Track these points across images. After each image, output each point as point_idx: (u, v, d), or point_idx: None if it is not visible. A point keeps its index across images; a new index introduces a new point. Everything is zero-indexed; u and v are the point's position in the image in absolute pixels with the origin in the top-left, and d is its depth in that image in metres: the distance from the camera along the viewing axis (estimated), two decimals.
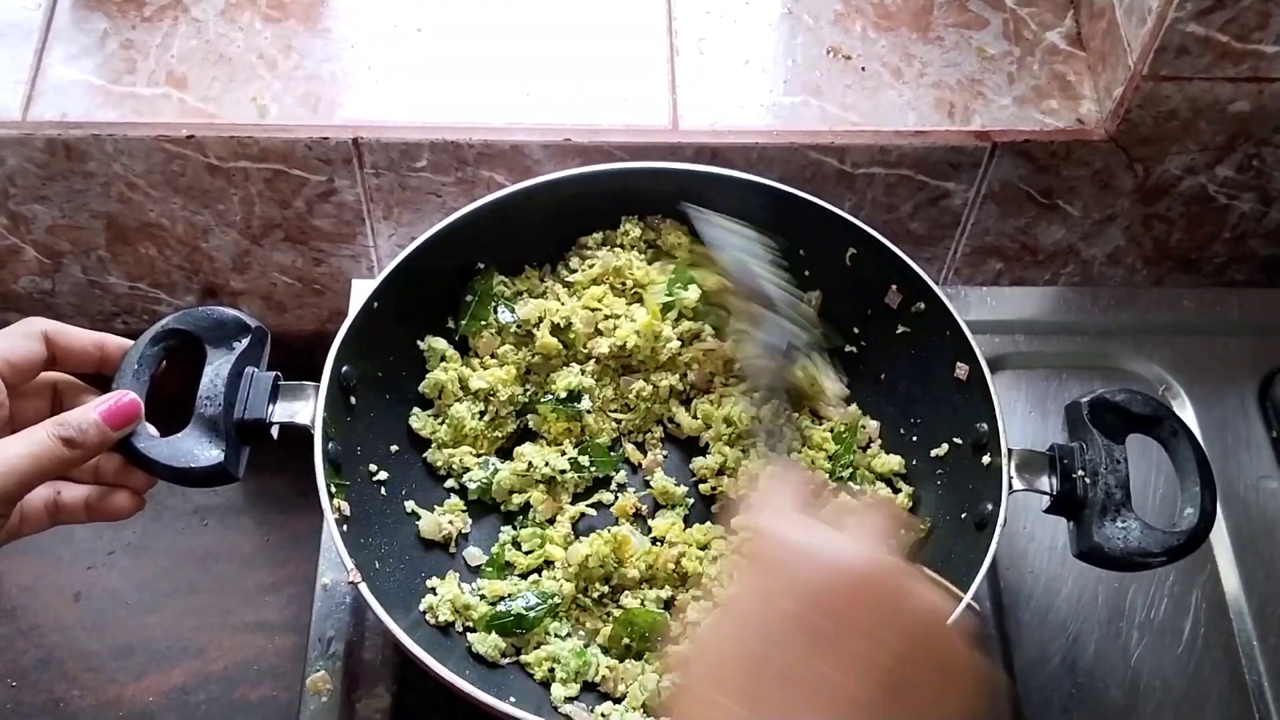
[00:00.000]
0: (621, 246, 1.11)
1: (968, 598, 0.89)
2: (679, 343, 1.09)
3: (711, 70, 1.21)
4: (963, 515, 0.99)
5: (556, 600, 0.98)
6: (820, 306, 1.12)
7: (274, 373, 0.93)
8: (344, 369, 0.98)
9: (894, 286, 1.07)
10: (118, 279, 1.28)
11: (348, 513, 0.94)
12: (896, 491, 1.06)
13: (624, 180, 1.10)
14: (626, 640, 0.98)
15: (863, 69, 1.21)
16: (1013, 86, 1.20)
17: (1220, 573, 1.08)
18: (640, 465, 1.08)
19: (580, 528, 1.04)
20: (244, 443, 0.91)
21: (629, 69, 1.21)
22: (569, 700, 0.95)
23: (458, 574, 1.01)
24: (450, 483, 1.05)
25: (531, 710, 0.92)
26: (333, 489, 0.92)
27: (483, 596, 0.99)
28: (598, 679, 0.97)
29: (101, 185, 1.18)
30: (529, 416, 1.08)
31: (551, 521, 1.04)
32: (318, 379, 0.95)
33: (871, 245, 1.06)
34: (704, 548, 1.03)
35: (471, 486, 1.04)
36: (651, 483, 1.06)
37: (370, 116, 1.17)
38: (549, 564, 1.02)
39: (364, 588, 0.89)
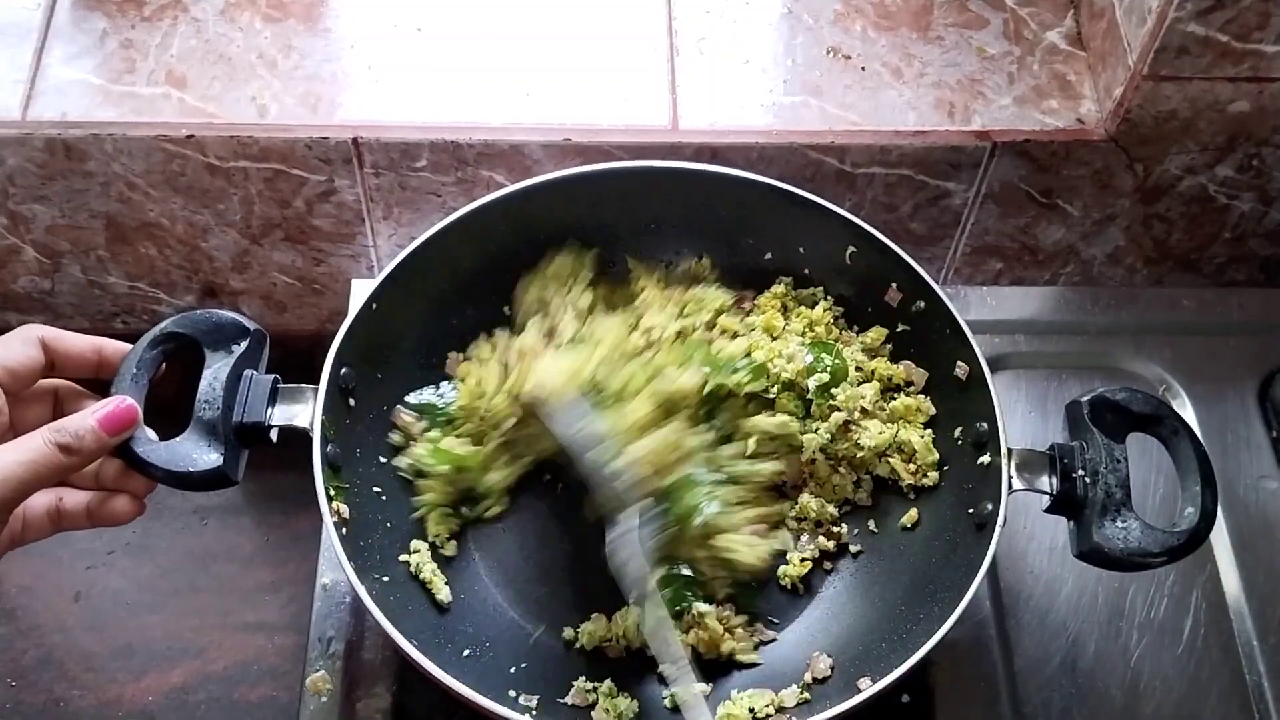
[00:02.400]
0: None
1: (965, 600, 0.90)
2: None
3: (711, 70, 1.21)
4: (963, 515, 0.99)
5: None
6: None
7: (273, 375, 0.93)
8: (343, 370, 0.98)
9: (894, 285, 1.07)
10: (117, 279, 1.28)
11: (347, 515, 0.94)
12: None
13: (625, 180, 1.10)
14: None
15: (863, 69, 1.21)
16: (1013, 86, 1.20)
17: (1220, 573, 1.08)
18: None
19: None
20: (243, 445, 0.91)
21: (629, 69, 1.21)
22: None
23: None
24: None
25: (534, 710, 0.93)
26: (331, 491, 0.92)
27: None
28: None
29: (101, 185, 1.18)
30: None
31: None
32: (317, 379, 0.95)
33: (872, 244, 1.06)
34: None
35: None
36: None
37: (370, 116, 1.17)
38: None
39: (363, 591, 0.89)
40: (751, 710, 0.95)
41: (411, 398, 1.06)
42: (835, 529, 1.06)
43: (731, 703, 0.96)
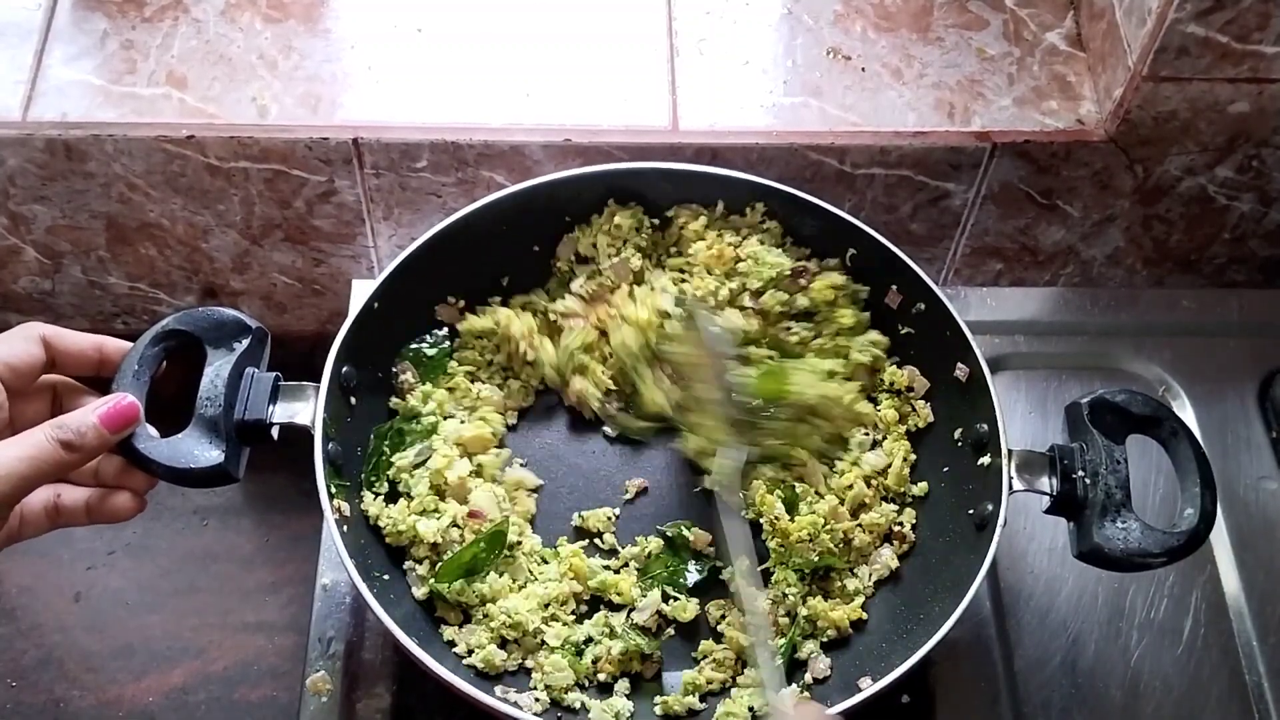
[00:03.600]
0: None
1: (966, 601, 0.90)
2: None
3: (711, 71, 1.21)
4: (963, 516, 0.99)
5: None
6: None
7: (274, 373, 0.93)
8: (344, 369, 0.98)
9: (894, 287, 1.07)
10: (118, 279, 1.28)
11: (348, 513, 0.94)
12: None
13: (625, 181, 1.10)
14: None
15: (863, 70, 1.21)
16: (1013, 87, 1.20)
17: (1220, 573, 1.08)
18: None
19: None
20: (244, 443, 0.91)
21: (629, 69, 1.21)
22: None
23: None
24: None
25: (532, 708, 0.93)
26: (333, 489, 0.92)
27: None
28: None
29: (101, 185, 1.18)
30: None
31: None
32: (318, 379, 0.95)
33: (871, 246, 1.06)
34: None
35: None
36: None
37: (370, 117, 1.17)
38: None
39: (364, 588, 0.89)
40: (751, 709, 0.95)
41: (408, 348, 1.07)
42: (898, 527, 1.04)
43: (731, 700, 0.96)
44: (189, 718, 1.15)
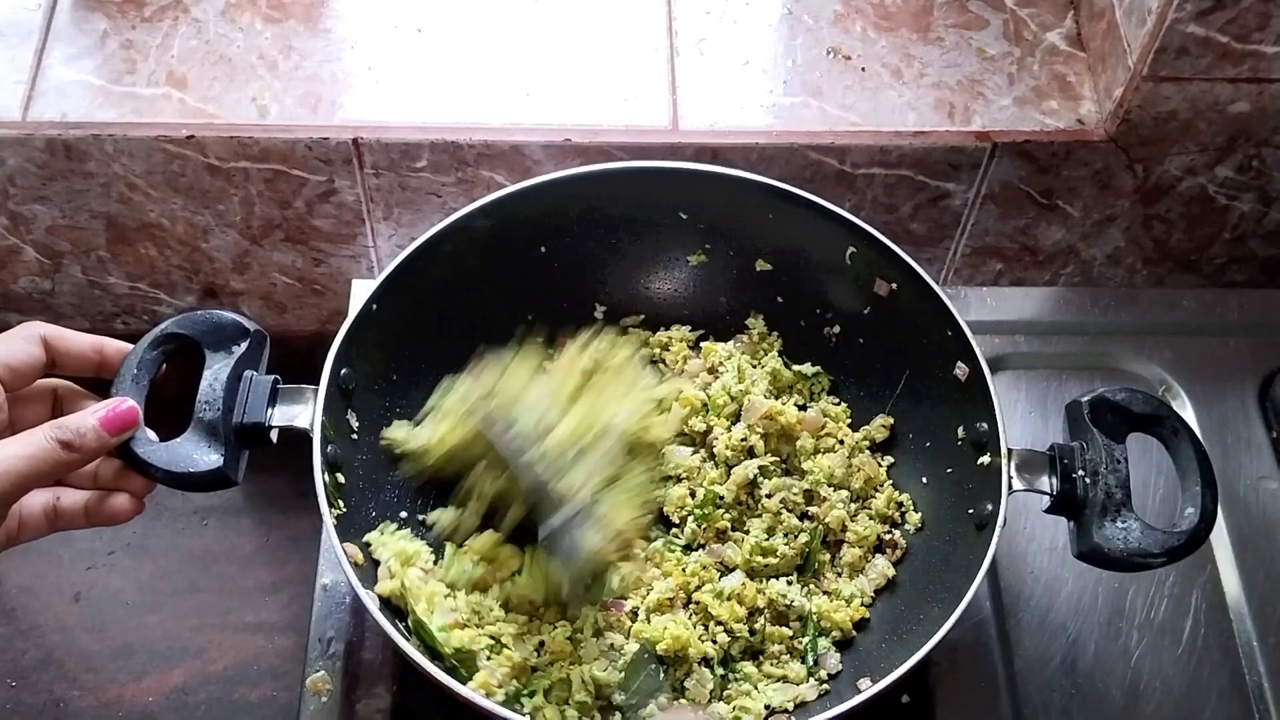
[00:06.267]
0: None
1: (966, 601, 0.90)
2: None
3: (712, 71, 1.21)
4: (963, 516, 0.99)
5: None
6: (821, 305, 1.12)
7: (273, 376, 0.93)
8: (343, 371, 0.98)
9: (879, 279, 1.07)
10: (118, 279, 1.28)
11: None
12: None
13: (625, 181, 1.10)
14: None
15: (863, 69, 1.21)
16: (1013, 87, 1.20)
17: (1220, 573, 1.08)
18: None
19: None
20: (243, 446, 0.91)
21: (629, 69, 1.21)
22: None
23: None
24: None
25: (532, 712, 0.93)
26: (332, 491, 0.92)
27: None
28: None
29: (101, 185, 1.18)
30: None
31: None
32: (317, 379, 0.95)
33: (872, 244, 1.06)
34: None
35: None
36: None
37: (370, 117, 1.17)
38: None
39: (364, 592, 0.88)
40: (768, 706, 0.95)
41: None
42: (889, 534, 1.05)
43: (749, 697, 0.96)
44: (189, 718, 1.15)
